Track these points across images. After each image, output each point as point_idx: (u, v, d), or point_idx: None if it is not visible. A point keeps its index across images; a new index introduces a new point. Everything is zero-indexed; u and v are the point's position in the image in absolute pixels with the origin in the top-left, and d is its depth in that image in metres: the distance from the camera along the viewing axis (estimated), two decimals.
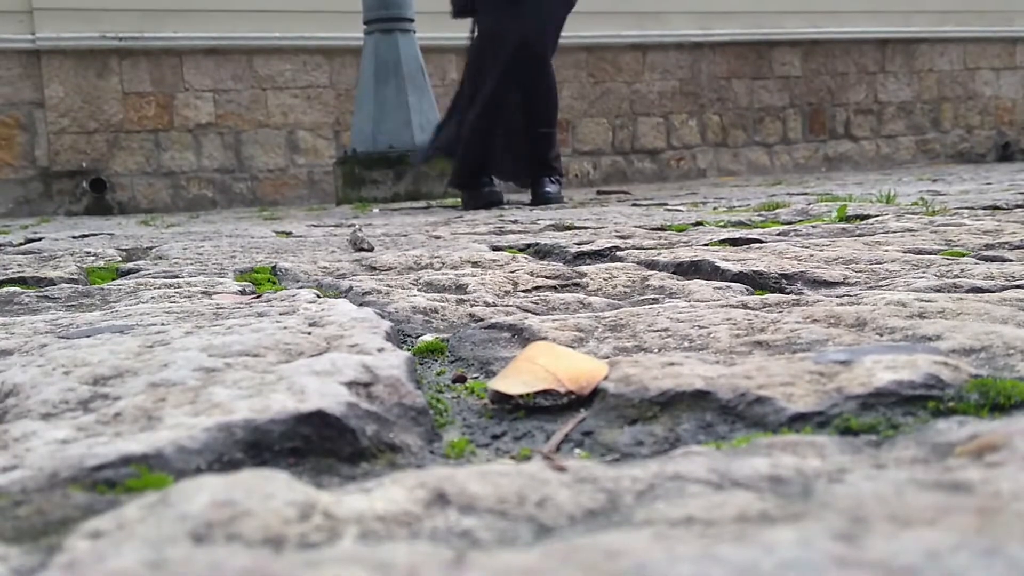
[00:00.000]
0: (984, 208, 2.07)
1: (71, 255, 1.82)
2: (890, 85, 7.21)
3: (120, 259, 1.78)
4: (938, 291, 0.92)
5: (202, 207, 5.53)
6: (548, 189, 3.62)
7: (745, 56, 6.77)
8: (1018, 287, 0.91)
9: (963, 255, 1.22)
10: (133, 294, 1.17)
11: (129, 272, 1.52)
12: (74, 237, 2.62)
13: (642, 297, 1.05)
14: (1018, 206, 2.08)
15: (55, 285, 1.34)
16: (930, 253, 1.26)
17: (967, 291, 0.92)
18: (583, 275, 1.20)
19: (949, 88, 7.39)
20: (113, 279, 1.45)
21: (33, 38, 5.23)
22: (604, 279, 1.17)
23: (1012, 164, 6.56)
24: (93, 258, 1.76)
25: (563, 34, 3.70)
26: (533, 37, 3.48)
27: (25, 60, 5.26)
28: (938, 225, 1.64)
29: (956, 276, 1.01)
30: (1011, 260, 1.15)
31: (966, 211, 2.00)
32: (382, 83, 4.66)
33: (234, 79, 5.61)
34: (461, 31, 3.89)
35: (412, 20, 4.77)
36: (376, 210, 3.82)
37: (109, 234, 2.74)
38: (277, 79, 5.70)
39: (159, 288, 1.21)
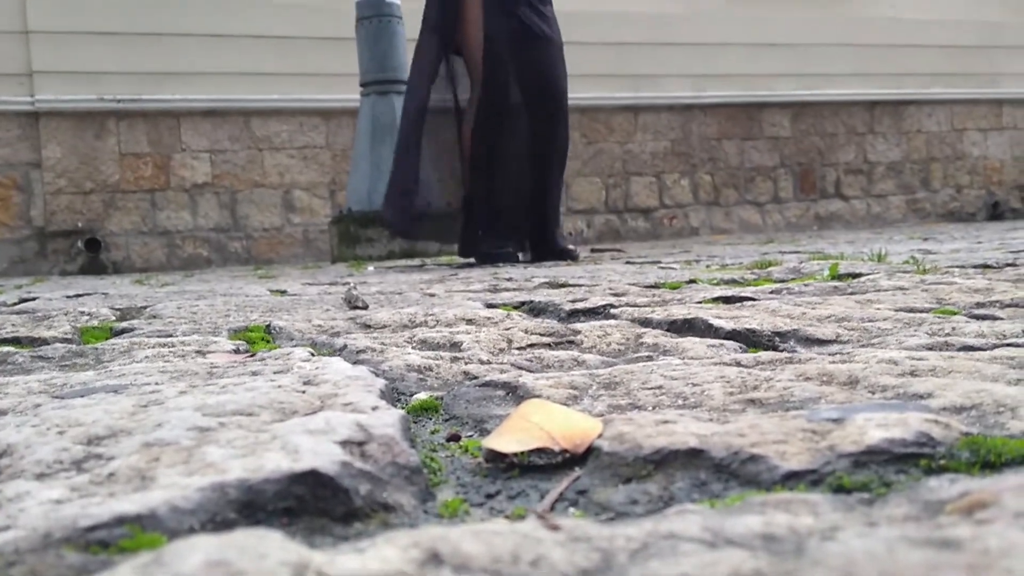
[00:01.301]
0: (975, 267, 2.09)
1: (65, 315, 1.82)
2: (879, 146, 7.33)
3: (114, 318, 1.78)
4: (929, 349, 0.93)
5: (197, 266, 5.55)
6: (570, 246, 3.65)
7: (735, 117, 6.88)
8: (1009, 345, 0.92)
9: (954, 313, 1.23)
10: (127, 354, 1.17)
11: (123, 332, 1.51)
12: (68, 297, 2.62)
13: (636, 355, 1.05)
14: (1008, 265, 2.10)
15: (49, 345, 1.34)
16: (921, 311, 1.27)
17: (958, 349, 0.92)
18: (577, 333, 1.20)
19: (938, 148, 7.51)
20: (107, 339, 1.45)
21: (32, 100, 5.30)
22: (598, 337, 1.17)
23: (1002, 223, 6.63)
24: (87, 318, 1.76)
25: None
26: (557, 74, 3.52)
27: (24, 122, 5.32)
28: (929, 283, 1.65)
29: (947, 334, 1.02)
30: (1002, 318, 1.15)
31: (957, 270, 2.02)
32: (378, 143, 4.72)
33: (231, 140, 5.68)
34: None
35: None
36: (371, 268, 3.84)
37: (103, 293, 2.74)
38: (274, 139, 5.77)
39: (153, 347, 1.21)
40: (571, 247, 3.66)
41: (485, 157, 3.56)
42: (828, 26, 7.05)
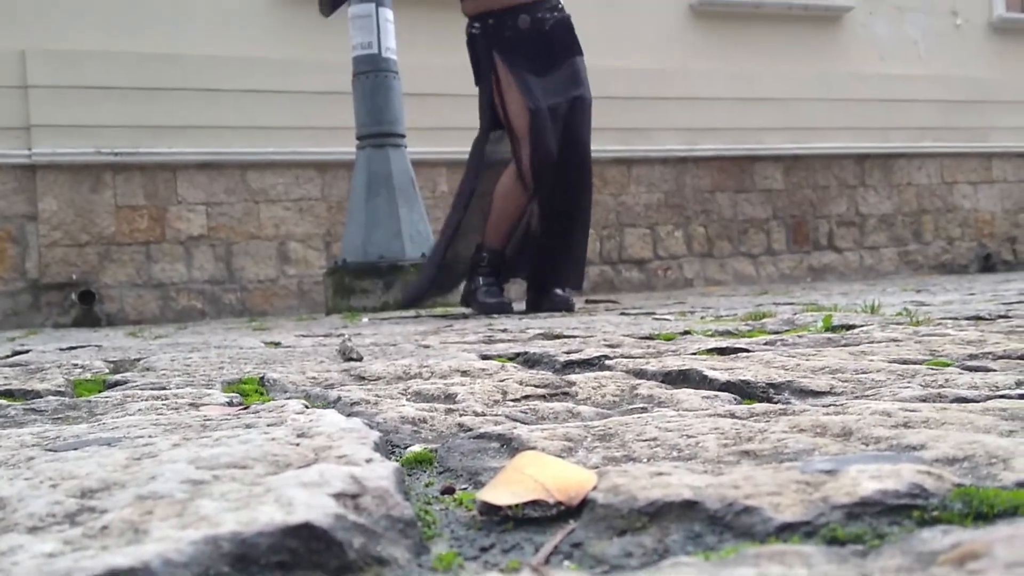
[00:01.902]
0: (967, 318, 2.10)
1: (58, 367, 1.81)
2: (870, 198, 7.40)
3: (107, 371, 1.78)
4: (923, 401, 0.93)
5: (191, 318, 5.54)
6: (566, 295, 3.68)
7: (728, 170, 6.96)
8: (1001, 397, 0.92)
9: (947, 365, 1.24)
10: (120, 406, 1.16)
11: (116, 384, 1.51)
12: (61, 349, 2.61)
13: (631, 406, 1.05)
14: (1001, 316, 2.11)
15: (42, 398, 1.33)
16: (915, 363, 1.27)
17: (951, 401, 0.93)
18: (572, 384, 1.20)
19: (928, 201, 7.59)
20: (100, 391, 1.45)
21: (29, 153, 5.34)
22: (593, 388, 1.17)
23: (994, 275, 6.67)
24: (80, 370, 1.75)
25: None
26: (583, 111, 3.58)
27: (20, 175, 5.36)
28: (922, 335, 1.66)
29: (940, 386, 1.02)
30: (995, 370, 1.16)
31: (950, 321, 2.03)
32: (373, 195, 4.76)
33: (227, 192, 5.72)
34: (451, 146, 4.00)
35: (403, 136, 4.91)
36: (366, 319, 3.84)
37: (97, 346, 2.74)
38: (270, 192, 5.81)
39: (146, 400, 1.21)
40: (567, 297, 3.67)
41: (525, 214, 3.65)
42: (818, 81, 7.17)
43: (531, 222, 3.66)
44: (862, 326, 1.96)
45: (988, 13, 7.83)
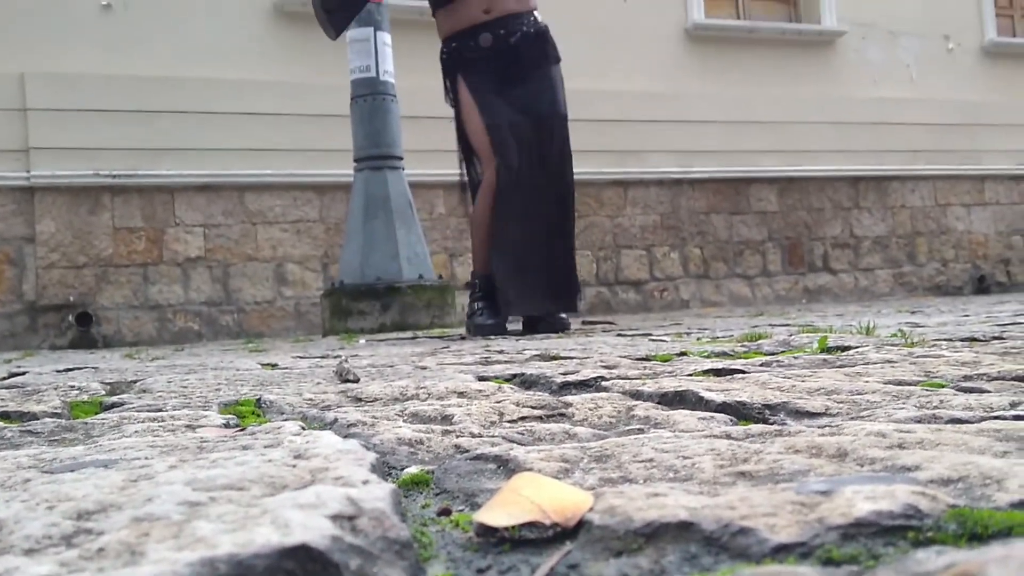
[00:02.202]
0: (962, 340, 2.11)
1: (55, 389, 1.81)
2: (865, 220, 7.43)
3: (104, 393, 1.77)
4: (918, 422, 0.94)
5: (188, 340, 5.53)
6: (562, 315, 3.65)
7: (723, 192, 6.99)
8: (996, 418, 0.93)
9: (942, 386, 1.24)
10: (117, 428, 1.16)
11: (113, 406, 1.51)
12: (58, 371, 2.61)
13: (627, 427, 1.05)
14: (995, 338, 2.11)
15: (38, 419, 1.33)
16: (910, 384, 1.28)
17: (946, 422, 0.93)
18: (569, 405, 1.20)
19: (922, 223, 7.62)
20: (97, 413, 1.45)
21: (28, 175, 5.35)
22: (590, 409, 1.17)
23: (988, 296, 6.69)
24: (77, 392, 1.75)
25: None
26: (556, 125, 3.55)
27: (19, 196, 5.37)
28: (917, 356, 1.66)
29: (935, 407, 1.03)
30: (989, 391, 1.16)
31: (945, 343, 2.03)
32: (371, 217, 4.77)
33: (225, 214, 5.73)
34: (448, 168, 4.02)
35: (401, 158, 4.93)
36: (363, 341, 3.84)
37: (93, 368, 2.73)
38: (267, 214, 5.82)
39: (143, 422, 1.21)
40: (563, 316, 3.66)
41: (502, 235, 3.59)
42: (812, 104, 7.22)
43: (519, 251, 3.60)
44: (857, 347, 1.97)
45: (980, 37, 7.91)
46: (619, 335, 3.29)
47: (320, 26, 3.79)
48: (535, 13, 3.68)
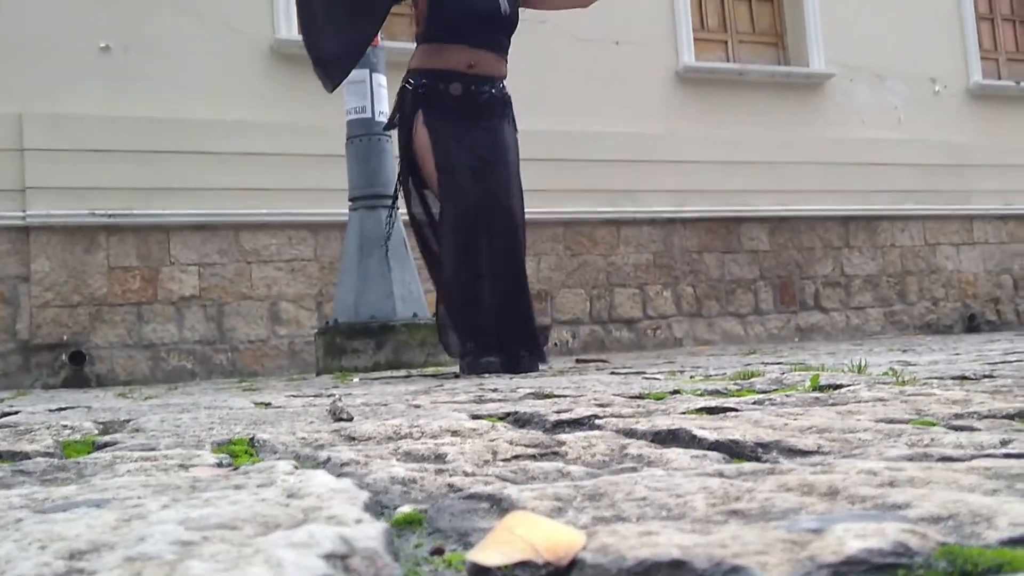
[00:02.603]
0: (953, 378, 2.11)
1: (47, 428, 1.80)
2: (855, 259, 7.47)
3: (97, 432, 1.77)
4: (908, 460, 0.94)
5: (181, 379, 5.51)
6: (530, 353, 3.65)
7: (715, 231, 7.03)
8: (986, 456, 0.93)
9: (933, 424, 1.25)
10: (110, 467, 1.16)
11: (106, 445, 1.50)
12: (51, 410, 2.59)
13: (621, 466, 1.06)
14: (986, 376, 2.12)
15: (30, 459, 1.32)
16: (901, 422, 1.28)
17: (936, 460, 0.93)
18: (562, 444, 1.21)
19: (912, 262, 7.67)
20: (89, 452, 1.44)
21: (24, 215, 5.36)
22: (583, 448, 1.17)
23: (979, 335, 6.71)
24: (69, 431, 1.74)
25: (542, 210, 3.85)
26: (506, 198, 3.57)
27: (14, 236, 5.38)
28: (908, 395, 1.67)
29: (926, 445, 1.03)
30: (980, 429, 1.17)
31: (935, 381, 2.04)
32: (366, 256, 4.78)
33: (220, 253, 5.74)
34: None
35: (396, 197, 4.95)
36: (357, 379, 3.83)
37: (86, 407, 2.72)
38: (262, 253, 5.83)
39: (136, 461, 1.20)
40: (531, 357, 3.63)
41: (455, 274, 3.61)
42: (801, 145, 7.30)
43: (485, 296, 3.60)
44: (849, 386, 1.97)
45: (965, 80, 8.02)
46: (612, 373, 3.29)
47: (318, 79, 3.84)
48: (504, 81, 3.75)
